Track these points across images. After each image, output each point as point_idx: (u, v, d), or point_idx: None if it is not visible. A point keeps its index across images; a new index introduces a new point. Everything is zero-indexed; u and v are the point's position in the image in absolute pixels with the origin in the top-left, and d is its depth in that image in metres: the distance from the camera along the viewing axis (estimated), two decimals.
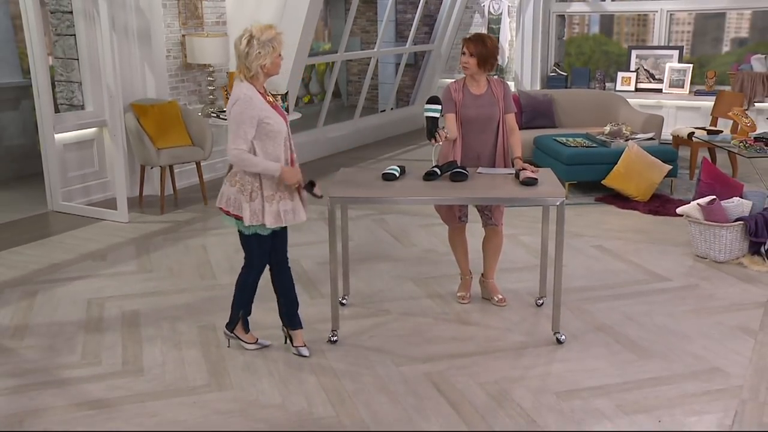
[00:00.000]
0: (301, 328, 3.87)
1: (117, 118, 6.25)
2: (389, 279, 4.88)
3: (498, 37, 10.34)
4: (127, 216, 6.22)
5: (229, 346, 3.91)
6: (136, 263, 5.25)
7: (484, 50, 4.12)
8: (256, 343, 3.90)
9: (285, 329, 3.88)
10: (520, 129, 4.48)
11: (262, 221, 3.55)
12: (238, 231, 3.67)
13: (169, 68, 7.13)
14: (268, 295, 3.92)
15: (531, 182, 3.86)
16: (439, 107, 4.01)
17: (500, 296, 4.47)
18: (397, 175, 4.03)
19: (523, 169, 4.02)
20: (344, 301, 4.44)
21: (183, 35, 7.20)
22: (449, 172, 3.99)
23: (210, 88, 7.35)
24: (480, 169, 4.14)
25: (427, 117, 3.98)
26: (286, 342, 3.89)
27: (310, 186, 3.64)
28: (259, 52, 3.45)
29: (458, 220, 4.43)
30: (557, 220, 3.78)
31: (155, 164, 6.45)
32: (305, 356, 3.79)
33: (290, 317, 3.84)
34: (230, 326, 3.87)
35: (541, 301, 4.43)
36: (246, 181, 3.53)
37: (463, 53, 4.15)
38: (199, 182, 6.86)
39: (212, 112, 7.24)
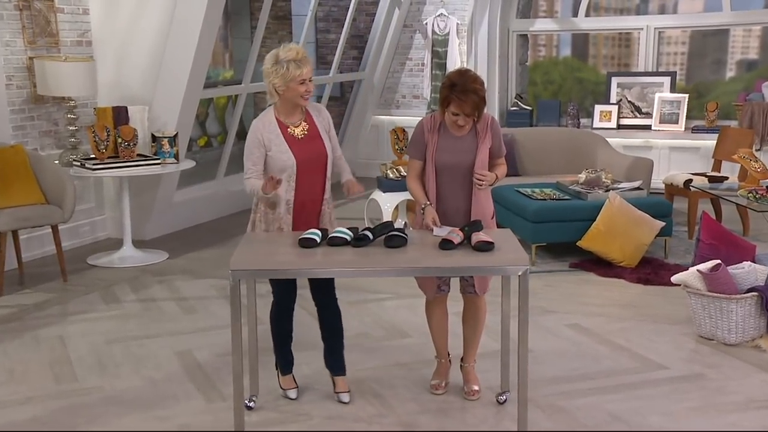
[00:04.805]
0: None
1: None
2: (310, 373, 4.85)
3: (444, 63, 10.54)
4: None
5: None
6: None
7: (480, 103, 4.15)
8: None
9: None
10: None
11: None
12: None
13: (11, 101, 7.05)
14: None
15: (485, 248, 3.94)
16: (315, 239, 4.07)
17: (475, 388, 4.52)
18: (318, 240, 4.07)
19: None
20: (251, 404, 4.41)
21: (30, 57, 7.16)
22: (383, 236, 4.06)
23: (71, 128, 7.30)
24: (435, 231, 4.13)
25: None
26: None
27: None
28: (274, 71, 4.12)
29: (437, 289, 4.47)
30: (520, 294, 3.85)
31: None
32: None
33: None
34: None
35: (503, 398, 4.47)
36: None
37: (456, 114, 4.15)
38: (56, 252, 6.76)
39: (74, 160, 7.16)
